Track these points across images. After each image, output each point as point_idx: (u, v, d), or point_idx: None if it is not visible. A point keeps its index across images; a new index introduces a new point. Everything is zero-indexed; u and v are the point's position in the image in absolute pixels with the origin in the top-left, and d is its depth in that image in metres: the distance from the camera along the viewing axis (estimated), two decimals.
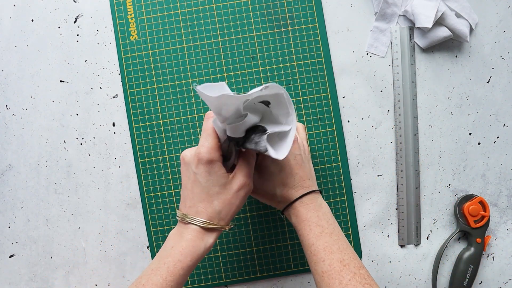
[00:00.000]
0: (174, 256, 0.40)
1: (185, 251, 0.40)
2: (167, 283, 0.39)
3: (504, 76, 0.58)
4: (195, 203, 0.42)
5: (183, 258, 0.40)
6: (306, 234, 0.43)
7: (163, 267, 0.40)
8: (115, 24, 0.57)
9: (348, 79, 0.58)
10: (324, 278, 0.40)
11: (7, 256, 0.58)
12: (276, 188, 0.45)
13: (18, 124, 0.58)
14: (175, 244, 0.41)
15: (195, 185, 0.41)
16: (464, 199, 0.57)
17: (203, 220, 0.41)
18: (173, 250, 0.40)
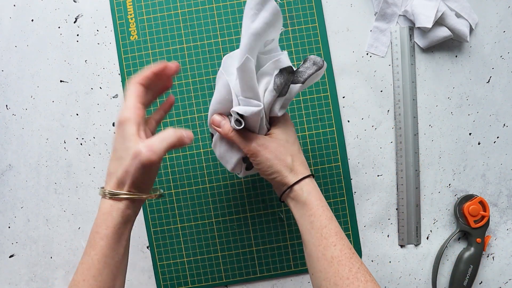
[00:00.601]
0: (91, 230, 0.39)
1: (98, 221, 0.38)
2: (91, 257, 0.37)
3: (504, 76, 0.58)
4: (109, 169, 0.39)
5: (98, 228, 0.38)
6: (319, 215, 0.40)
7: (86, 245, 0.39)
8: (115, 24, 0.57)
9: (348, 79, 0.58)
10: (333, 264, 0.38)
11: (7, 256, 0.58)
12: (288, 156, 0.42)
13: (18, 124, 0.58)
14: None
15: (112, 150, 0.40)
16: (464, 199, 0.57)
17: (109, 190, 0.39)
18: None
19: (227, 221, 0.57)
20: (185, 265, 0.57)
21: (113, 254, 0.38)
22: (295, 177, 0.42)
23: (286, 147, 0.42)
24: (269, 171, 0.42)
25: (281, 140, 0.43)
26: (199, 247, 0.57)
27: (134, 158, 0.37)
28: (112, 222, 0.38)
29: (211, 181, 0.57)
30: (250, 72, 0.38)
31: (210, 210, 0.57)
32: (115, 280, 0.38)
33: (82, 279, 0.37)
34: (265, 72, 0.41)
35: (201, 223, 0.57)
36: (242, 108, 0.40)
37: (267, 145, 0.42)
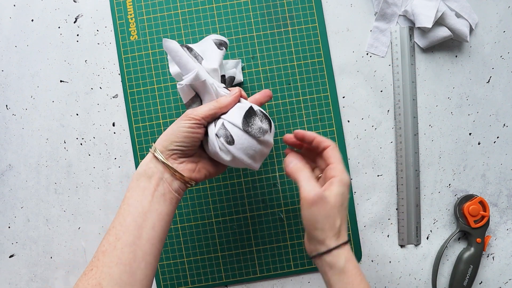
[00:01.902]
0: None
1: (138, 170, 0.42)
2: (120, 206, 0.41)
3: (504, 76, 0.58)
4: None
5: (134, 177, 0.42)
6: (357, 285, 0.41)
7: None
8: (115, 24, 0.57)
9: (348, 79, 0.58)
10: None
11: (7, 256, 0.58)
12: (338, 219, 0.42)
13: (18, 124, 0.58)
14: None
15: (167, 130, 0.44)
16: (464, 199, 0.57)
17: (153, 145, 0.43)
18: None
19: (227, 221, 0.57)
20: (185, 265, 0.57)
21: (136, 205, 0.40)
22: (337, 242, 0.41)
23: (339, 210, 0.42)
24: (316, 226, 0.41)
25: (337, 202, 0.42)
26: (199, 247, 0.57)
27: (178, 119, 0.42)
28: (136, 176, 0.42)
29: (211, 181, 0.57)
30: (175, 51, 0.42)
31: (210, 210, 0.57)
32: (139, 229, 0.39)
33: (112, 226, 0.40)
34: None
35: (201, 223, 0.57)
36: (185, 79, 0.42)
37: (326, 200, 0.41)
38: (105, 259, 0.38)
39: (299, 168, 0.43)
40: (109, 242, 0.38)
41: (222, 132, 0.42)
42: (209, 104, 0.43)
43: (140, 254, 0.38)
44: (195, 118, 0.42)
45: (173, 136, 0.42)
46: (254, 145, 0.43)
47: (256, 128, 0.42)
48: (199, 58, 0.45)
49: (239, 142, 0.42)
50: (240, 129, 0.42)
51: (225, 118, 0.43)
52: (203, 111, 0.42)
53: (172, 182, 0.42)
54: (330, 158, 0.44)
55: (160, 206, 0.41)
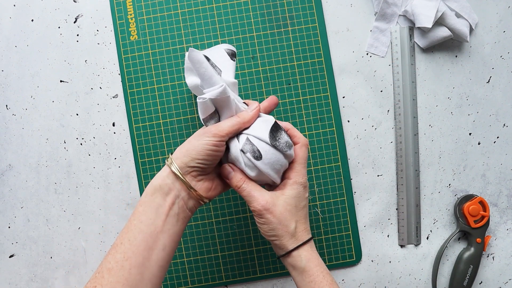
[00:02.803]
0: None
1: (152, 183, 0.41)
2: (130, 221, 0.39)
3: (504, 76, 0.58)
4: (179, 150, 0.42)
5: (141, 197, 0.40)
6: (319, 281, 0.41)
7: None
8: (115, 24, 0.57)
9: (348, 79, 0.58)
10: None
11: (7, 256, 0.58)
12: (292, 223, 0.42)
13: (18, 124, 0.58)
14: None
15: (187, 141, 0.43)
16: (464, 199, 0.57)
17: (170, 156, 0.42)
18: None
19: (227, 221, 0.57)
20: (185, 265, 0.57)
21: (148, 222, 0.39)
22: (295, 243, 0.42)
23: (293, 213, 0.42)
24: (270, 233, 0.42)
25: (290, 205, 0.42)
26: (199, 247, 0.57)
27: (200, 133, 0.41)
28: (151, 190, 0.40)
29: None
30: (200, 63, 0.40)
31: (210, 210, 0.57)
32: (150, 251, 0.38)
33: (120, 242, 0.38)
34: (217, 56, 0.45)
35: (201, 223, 0.57)
36: (209, 93, 0.41)
37: (274, 209, 0.41)
38: (111, 278, 0.36)
39: (240, 181, 0.42)
40: (116, 260, 0.37)
41: (249, 147, 0.41)
42: (231, 119, 0.42)
43: (147, 276, 0.38)
44: (219, 135, 0.40)
45: (194, 153, 0.40)
46: (281, 159, 0.42)
47: (283, 142, 0.42)
48: (217, 69, 0.43)
49: (266, 157, 0.41)
50: (267, 143, 0.41)
51: (249, 133, 0.42)
52: (227, 127, 0.41)
53: (188, 200, 0.41)
54: (295, 156, 0.44)
55: (173, 226, 0.40)
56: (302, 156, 0.44)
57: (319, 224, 0.57)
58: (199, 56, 0.40)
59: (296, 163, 0.43)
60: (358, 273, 0.58)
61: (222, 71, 0.43)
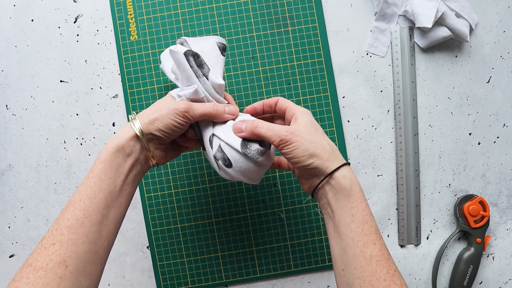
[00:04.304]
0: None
1: (103, 148, 0.40)
2: (89, 179, 0.39)
3: (504, 76, 0.58)
4: (144, 111, 0.43)
5: (100, 154, 0.40)
6: (362, 209, 0.38)
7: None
8: (115, 24, 0.57)
9: (348, 79, 0.58)
10: (371, 263, 0.36)
11: (7, 256, 0.58)
12: (323, 141, 0.40)
13: (18, 124, 0.58)
14: None
15: (153, 105, 0.43)
16: (464, 199, 0.57)
17: (134, 116, 0.42)
18: None
19: (227, 221, 0.57)
20: (185, 265, 0.57)
21: (108, 182, 0.39)
22: (337, 162, 0.39)
23: (318, 134, 0.40)
24: (306, 155, 0.39)
25: (310, 129, 0.40)
26: (199, 247, 0.57)
27: (172, 107, 0.41)
28: (113, 149, 0.40)
29: (211, 181, 0.57)
30: (180, 64, 0.42)
31: (210, 210, 0.57)
32: (108, 209, 0.39)
33: (78, 199, 0.38)
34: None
35: (201, 223, 0.57)
36: (182, 92, 0.43)
37: (299, 131, 0.39)
38: (71, 235, 0.36)
39: (254, 123, 0.41)
40: (76, 218, 0.37)
41: (220, 155, 0.42)
42: (206, 106, 0.42)
43: (105, 234, 0.38)
44: (189, 117, 0.41)
45: (160, 123, 0.41)
46: (252, 167, 0.42)
47: (254, 150, 0.41)
48: (206, 67, 0.43)
49: (236, 165, 0.42)
50: (238, 151, 0.42)
51: (222, 138, 0.42)
52: (199, 113, 0.42)
53: (144, 164, 0.42)
54: (283, 105, 0.44)
55: (129, 187, 0.41)
56: (289, 101, 0.44)
57: (318, 224, 0.57)
58: (180, 57, 0.41)
59: (289, 106, 0.43)
60: None
61: (210, 70, 0.43)
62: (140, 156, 0.41)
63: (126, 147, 0.40)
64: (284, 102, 0.44)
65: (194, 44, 0.45)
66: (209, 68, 0.43)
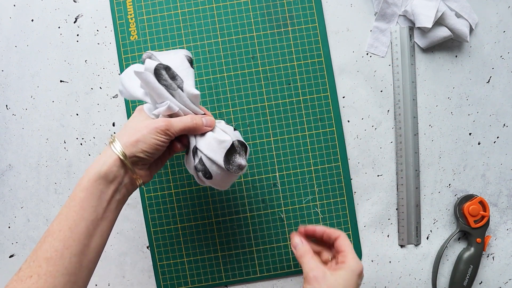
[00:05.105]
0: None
1: (84, 174, 0.39)
2: (69, 208, 0.38)
3: (504, 76, 0.58)
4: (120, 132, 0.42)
5: (81, 181, 0.39)
6: None
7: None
8: (115, 24, 0.57)
9: (348, 79, 0.58)
10: None
11: (7, 256, 0.58)
12: None
13: (18, 124, 0.58)
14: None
15: (129, 127, 0.42)
16: (464, 199, 0.57)
17: (113, 137, 0.41)
18: None
19: (227, 221, 0.57)
20: (185, 265, 0.57)
21: (90, 210, 0.38)
22: None
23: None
24: None
25: (338, 285, 0.42)
26: (199, 247, 0.57)
27: (151, 127, 0.40)
28: (95, 176, 0.38)
29: None
30: (148, 83, 0.41)
31: (210, 210, 0.57)
32: (89, 238, 0.37)
33: (58, 229, 0.37)
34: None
35: (201, 223, 0.57)
36: (157, 110, 0.43)
37: (323, 281, 0.42)
38: (50, 267, 0.35)
39: (305, 251, 0.46)
40: (56, 249, 0.36)
41: (201, 167, 0.43)
42: (185, 121, 0.42)
43: (85, 263, 0.37)
44: (169, 134, 0.41)
45: (143, 144, 0.40)
46: (231, 179, 0.45)
47: (236, 165, 0.43)
48: (179, 79, 0.43)
49: (217, 178, 0.43)
50: (220, 166, 0.43)
51: (204, 152, 0.43)
52: (179, 128, 0.42)
53: (130, 187, 0.41)
54: (341, 246, 0.46)
55: (112, 213, 0.40)
56: (349, 244, 0.46)
57: (319, 224, 0.57)
58: (146, 76, 0.41)
59: (346, 251, 0.45)
60: None
61: (183, 81, 0.43)
62: (124, 180, 0.40)
63: (109, 173, 0.39)
64: (343, 244, 0.46)
65: (162, 57, 0.44)
66: (182, 80, 0.43)
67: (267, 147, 0.57)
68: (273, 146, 0.57)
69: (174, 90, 0.42)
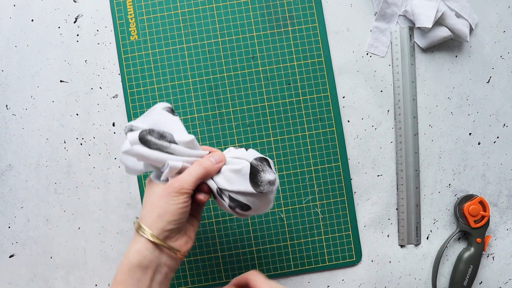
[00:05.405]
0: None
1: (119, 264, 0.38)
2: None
3: (504, 76, 0.58)
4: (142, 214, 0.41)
5: (116, 273, 0.38)
6: None
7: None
8: (115, 24, 0.57)
9: (348, 79, 0.58)
10: None
11: (7, 256, 0.58)
12: None
13: (18, 124, 0.58)
14: None
15: (150, 204, 0.41)
16: (464, 199, 0.57)
17: (138, 221, 0.40)
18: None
19: (227, 221, 0.57)
20: (185, 265, 0.57)
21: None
22: None
23: None
24: None
25: None
26: (199, 247, 0.57)
27: (165, 194, 0.38)
28: (128, 267, 0.37)
29: None
30: (142, 156, 0.40)
31: (210, 210, 0.57)
32: None
33: None
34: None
35: (201, 223, 0.57)
36: (163, 175, 0.41)
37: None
38: None
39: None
40: None
41: (234, 204, 0.41)
42: (194, 171, 0.40)
43: None
44: (185, 192, 0.39)
45: (168, 215, 0.38)
46: (270, 197, 0.42)
47: (265, 183, 0.41)
48: (167, 135, 0.41)
49: (256, 205, 0.42)
50: (252, 193, 0.41)
51: (229, 188, 0.41)
52: (191, 181, 0.39)
53: (171, 263, 0.39)
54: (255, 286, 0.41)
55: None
56: (262, 281, 0.41)
57: (319, 224, 0.57)
58: (137, 151, 0.39)
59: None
60: (358, 273, 0.58)
61: (173, 134, 0.41)
62: (161, 260, 0.38)
63: (142, 260, 0.37)
64: (256, 284, 0.41)
65: (142, 123, 0.43)
66: (171, 133, 0.41)
67: (267, 147, 0.57)
68: (273, 146, 0.57)
69: (169, 148, 0.40)
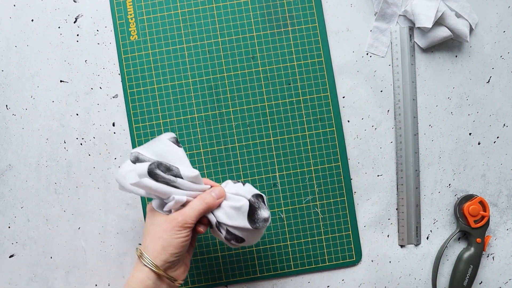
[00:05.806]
0: None
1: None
2: None
3: (504, 76, 0.58)
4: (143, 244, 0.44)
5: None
6: None
7: None
8: (115, 24, 0.57)
9: (348, 79, 0.58)
10: None
11: (7, 256, 0.58)
12: None
13: (18, 124, 0.58)
14: None
15: (151, 233, 0.43)
16: (464, 199, 0.57)
17: (140, 250, 0.42)
18: None
19: None
20: None
21: None
22: None
23: None
24: None
25: None
26: (199, 247, 0.57)
27: (170, 227, 0.41)
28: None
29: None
30: (150, 188, 0.42)
31: None
32: None
33: None
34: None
35: None
36: (167, 207, 0.43)
37: None
38: None
39: None
40: None
41: (230, 237, 0.44)
42: (196, 206, 0.43)
43: None
44: (188, 226, 0.42)
45: (171, 248, 0.41)
46: (261, 232, 0.46)
47: (261, 220, 0.44)
48: (174, 168, 0.43)
49: (249, 238, 0.45)
50: (249, 229, 0.44)
51: (227, 223, 0.44)
52: (194, 216, 0.42)
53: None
54: None
55: None
56: None
57: (319, 224, 0.57)
58: (146, 183, 0.41)
59: None
60: (358, 273, 0.58)
61: (179, 168, 0.43)
62: (161, 287, 0.42)
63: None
64: None
65: (148, 151, 0.44)
66: (177, 167, 0.43)
67: (267, 147, 0.57)
68: (273, 146, 0.57)
69: (175, 182, 0.42)
